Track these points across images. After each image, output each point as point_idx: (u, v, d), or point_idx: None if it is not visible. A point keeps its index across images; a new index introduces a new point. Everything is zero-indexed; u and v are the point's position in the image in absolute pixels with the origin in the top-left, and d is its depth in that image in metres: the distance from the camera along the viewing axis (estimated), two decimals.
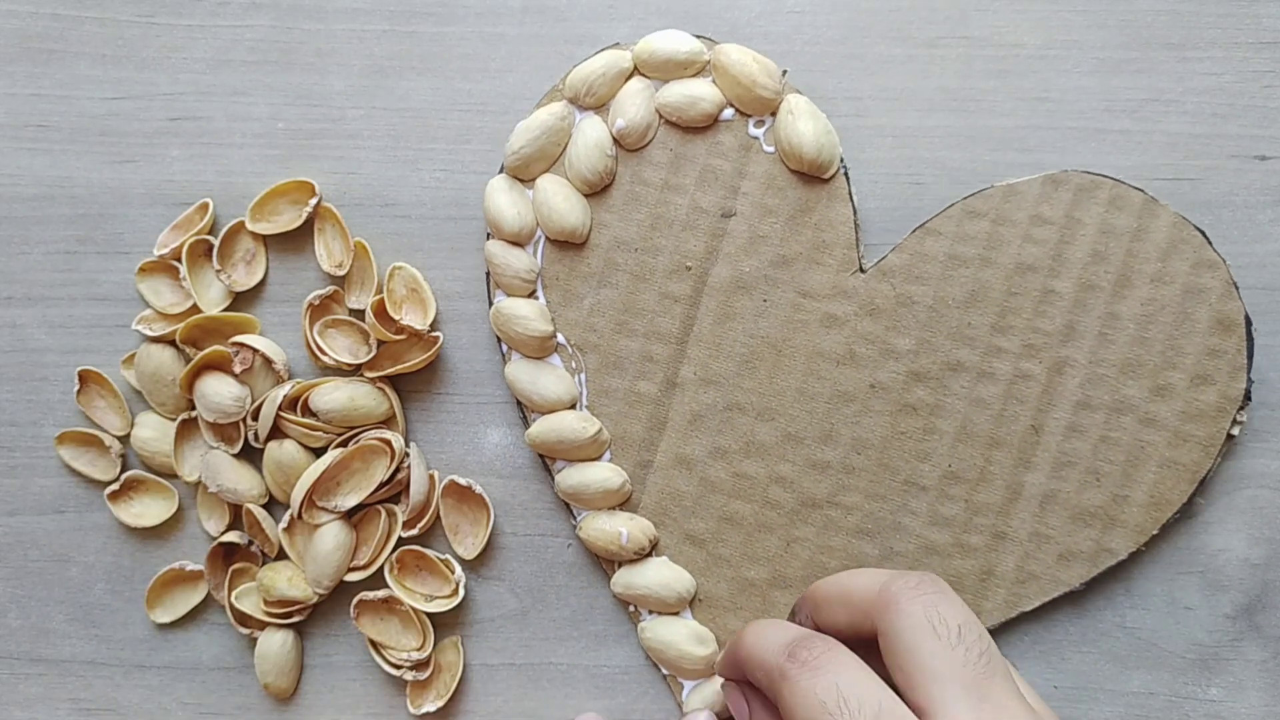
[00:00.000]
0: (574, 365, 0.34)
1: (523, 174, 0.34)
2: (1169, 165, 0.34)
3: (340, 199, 0.35)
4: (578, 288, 0.34)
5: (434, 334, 0.34)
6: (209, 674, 0.35)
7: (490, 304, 0.34)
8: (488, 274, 0.34)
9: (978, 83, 0.34)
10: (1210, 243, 0.32)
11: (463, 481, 0.34)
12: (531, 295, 0.34)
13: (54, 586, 0.35)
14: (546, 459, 0.34)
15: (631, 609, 0.34)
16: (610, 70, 0.33)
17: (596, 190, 0.33)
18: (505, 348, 0.34)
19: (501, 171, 0.34)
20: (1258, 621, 0.34)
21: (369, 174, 0.35)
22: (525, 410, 0.34)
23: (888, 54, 0.34)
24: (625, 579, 0.34)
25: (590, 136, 0.33)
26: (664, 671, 0.34)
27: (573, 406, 0.34)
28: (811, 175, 0.33)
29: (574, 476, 0.34)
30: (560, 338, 0.34)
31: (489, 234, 0.34)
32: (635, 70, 0.33)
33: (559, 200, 0.33)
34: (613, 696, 0.35)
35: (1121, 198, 0.33)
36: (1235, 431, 0.33)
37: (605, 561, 0.34)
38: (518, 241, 0.33)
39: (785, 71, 0.33)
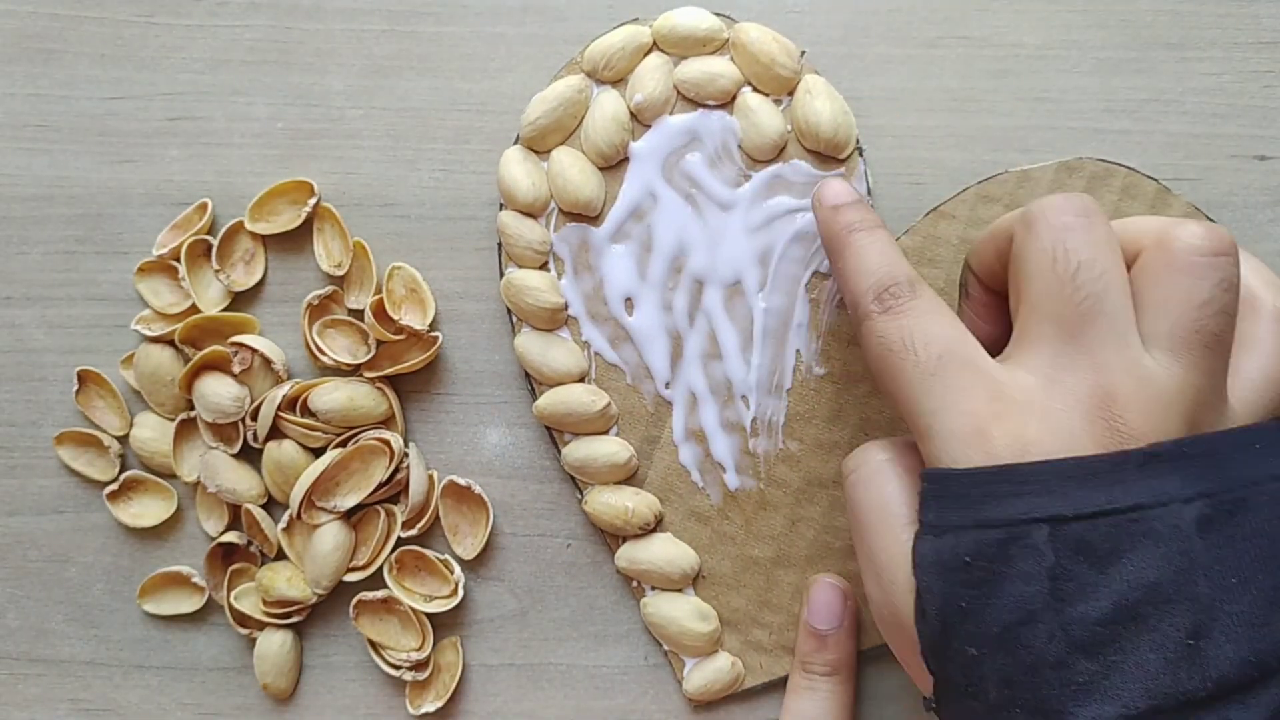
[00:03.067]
0: (583, 338, 0.34)
1: (538, 145, 0.34)
2: (1168, 165, 0.34)
3: (339, 199, 0.35)
4: (589, 260, 0.34)
5: (433, 334, 0.34)
6: (208, 674, 0.35)
7: (501, 275, 0.34)
8: (499, 245, 0.34)
9: (977, 83, 0.34)
10: None
11: (462, 482, 0.34)
12: (543, 267, 0.34)
13: (53, 587, 0.35)
14: (554, 431, 0.34)
15: (635, 584, 0.34)
16: (629, 45, 0.33)
17: (612, 164, 0.33)
18: (515, 319, 0.34)
19: (517, 142, 0.34)
20: None
21: (368, 174, 0.35)
22: (534, 383, 0.34)
23: (887, 54, 0.34)
24: (629, 554, 0.34)
25: (608, 110, 0.33)
26: (665, 648, 0.34)
27: (581, 379, 0.34)
28: (828, 155, 0.33)
29: (581, 450, 0.34)
30: (571, 311, 0.34)
31: (502, 204, 0.34)
32: (654, 45, 0.34)
33: (574, 172, 0.33)
34: (612, 696, 0.35)
35: (1135, 186, 0.33)
36: None
37: (610, 536, 0.34)
38: (531, 213, 0.34)
39: (804, 52, 0.33)
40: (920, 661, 0.25)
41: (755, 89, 0.33)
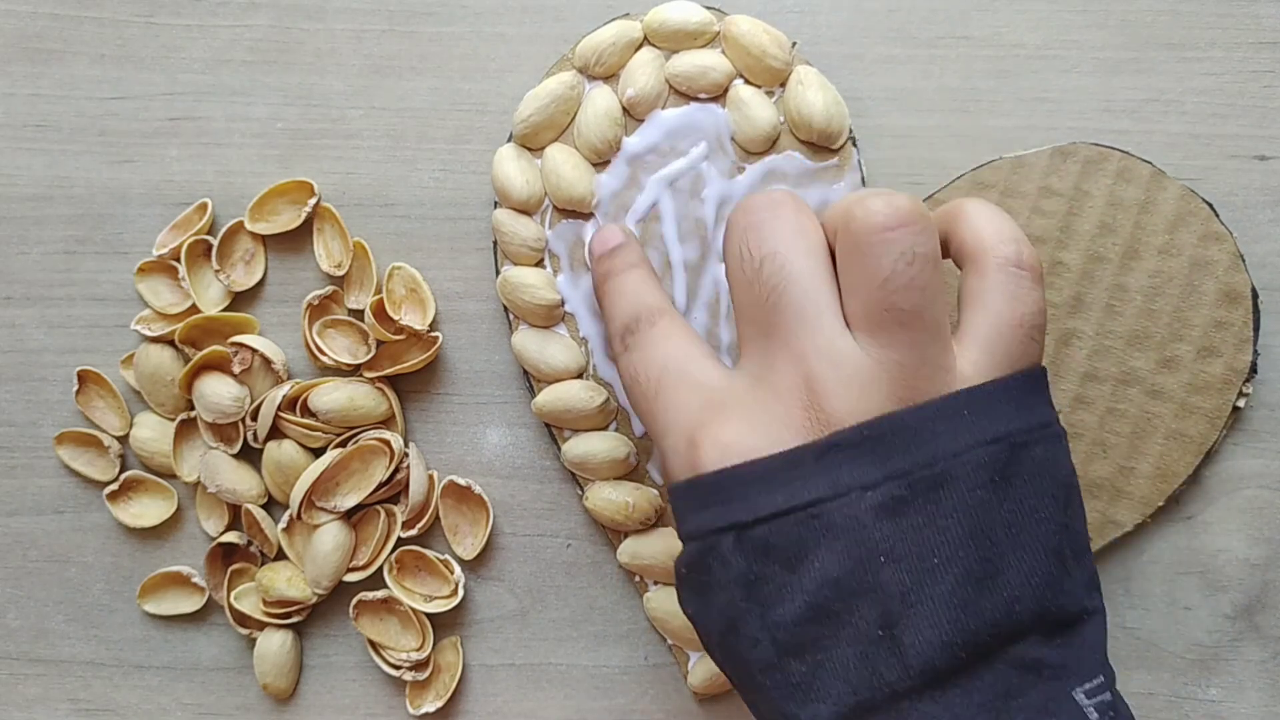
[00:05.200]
0: (580, 334, 0.34)
1: (531, 143, 0.34)
2: (1169, 165, 0.34)
3: (339, 199, 0.35)
4: (585, 256, 0.34)
5: (433, 334, 0.34)
6: (208, 674, 0.35)
7: (497, 273, 0.34)
8: (494, 243, 0.34)
9: (978, 83, 0.34)
10: (1218, 215, 0.33)
11: (462, 482, 0.34)
12: (539, 264, 0.34)
13: (53, 587, 0.35)
14: (553, 428, 0.34)
15: (637, 580, 0.34)
16: (620, 40, 0.33)
17: (605, 159, 0.33)
18: (512, 317, 0.34)
19: (510, 140, 0.34)
20: (1257, 621, 0.34)
21: (368, 174, 0.35)
22: (532, 380, 0.34)
23: (888, 54, 0.34)
24: (631, 548, 0.34)
25: (600, 106, 0.33)
26: (669, 643, 0.34)
27: (580, 376, 0.34)
28: (821, 145, 0.33)
29: (580, 446, 0.34)
30: (568, 307, 0.34)
31: (496, 202, 0.34)
32: (645, 40, 0.34)
33: (568, 169, 0.33)
34: (612, 696, 0.35)
35: (1129, 170, 0.33)
36: (1241, 404, 0.33)
37: (611, 532, 0.34)
38: (525, 210, 0.34)
39: (795, 43, 0.33)
40: None
41: (747, 81, 0.33)
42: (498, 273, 0.34)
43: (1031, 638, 0.22)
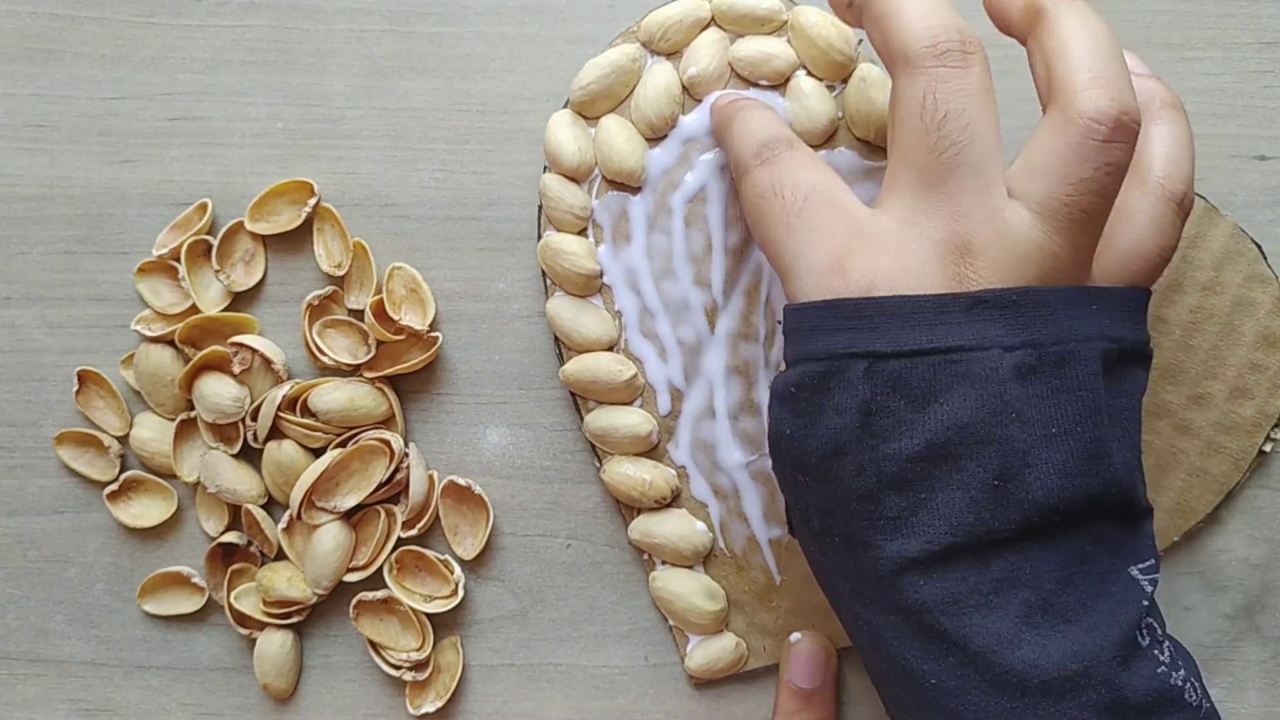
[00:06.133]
0: (615, 308, 0.34)
1: (587, 111, 0.34)
2: None
3: (339, 199, 0.35)
4: (628, 230, 0.34)
5: (433, 334, 0.34)
6: (208, 674, 0.35)
7: (539, 237, 0.34)
8: (539, 207, 0.34)
9: None
10: (1265, 257, 0.32)
11: (462, 482, 0.34)
12: (581, 233, 0.34)
13: (53, 587, 0.35)
14: (578, 398, 0.34)
15: (646, 558, 0.34)
16: (688, 18, 0.33)
17: (660, 135, 0.33)
18: (549, 283, 0.34)
19: (566, 106, 0.34)
20: (1257, 622, 0.34)
21: (368, 174, 0.35)
22: (562, 348, 0.34)
23: None
24: (643, 526, 0.34)
25: (660, 81, 0.33)
26: (670, 623, 0.34)
27: (610, 348, 0.34)
28: (877, 145, 0.33)
29: (603, 419, 0.34)
30: (606, 279, 0.34)
31: (545, 167, 0.34)
32: (712, 21, 0.34)
33: (621, 141, 0.33)
34: (612, 696, 0.35)
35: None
36: (1268, 448, 0.33)
37: (625, 507, 0.34)
38: (574, 177, 0.34)
39: (861, 40, 0.33)
40: None
41: (809, 73, 0.33)
42: (540, 236, 0.34)
43: (1111, 517, 0.24)
